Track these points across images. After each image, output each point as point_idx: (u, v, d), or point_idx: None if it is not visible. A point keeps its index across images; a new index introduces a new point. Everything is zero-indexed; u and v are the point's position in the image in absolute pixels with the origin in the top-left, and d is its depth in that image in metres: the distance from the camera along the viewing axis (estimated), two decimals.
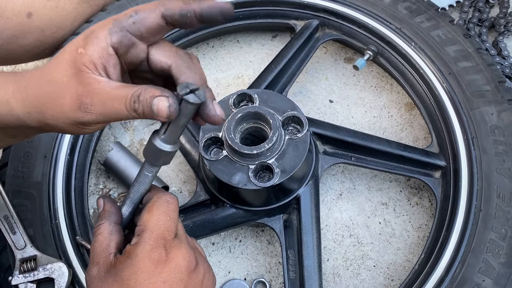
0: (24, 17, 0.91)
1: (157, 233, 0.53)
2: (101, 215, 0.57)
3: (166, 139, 0.52)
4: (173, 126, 0.51)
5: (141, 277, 0.51)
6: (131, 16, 0.51)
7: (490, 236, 0.74)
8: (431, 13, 0.94)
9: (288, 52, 0.97)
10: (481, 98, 0.84)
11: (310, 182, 0.84)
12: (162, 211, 0.54)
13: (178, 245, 0.54)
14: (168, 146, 0.52)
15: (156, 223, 0.53)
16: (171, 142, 0.52)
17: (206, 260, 0.59)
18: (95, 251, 0.55)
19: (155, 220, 0.54)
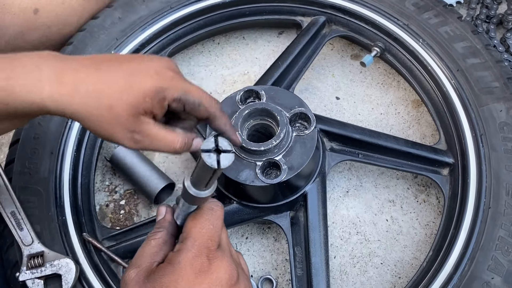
0: (30, 13, 0.91)
1: (200, 241, 0.53)
2: (160, 223, 0.57)
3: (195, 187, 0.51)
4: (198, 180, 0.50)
5: (181, 285, 0.50)
6: (194, 102, 0.61)
7: (499, 234, 0.73)
8: (439, 9, 0.94)
9: (294, 48, 0.97)
10: (490, 95, 0.84)
11: (317, 179, 0.84)
12: (205, 219, 0.54)
13: (221, 257, 0.53)
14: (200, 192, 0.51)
15: (199, 231, 0.53)
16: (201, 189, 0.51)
17: (248, 276, 0.58)
18: (142, 254, 0.54)
19: (199, 228, 0.53)
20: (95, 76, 0.58)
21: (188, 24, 1.02)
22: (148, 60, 0.62)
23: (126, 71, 0.59)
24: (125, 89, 0.58)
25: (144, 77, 0.59)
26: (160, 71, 0.60)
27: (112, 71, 0.59)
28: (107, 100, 0.58)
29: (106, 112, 0.58)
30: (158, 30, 0.98)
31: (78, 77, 0.58)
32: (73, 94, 0.57)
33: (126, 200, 0.96)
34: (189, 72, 1.10)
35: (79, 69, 0.58)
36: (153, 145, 0.61)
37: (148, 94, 0.58)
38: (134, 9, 0.99)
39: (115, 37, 0.96)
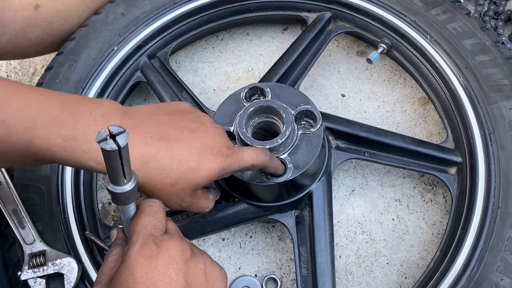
0: (31, 9, 0.90)
1: (143, 232, 0.53)
2: (114, 243, 0.58)
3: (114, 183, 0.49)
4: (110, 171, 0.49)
5: (137, 275, 0.50)
6: (247, 167, 0.66)
7: (508, 234, 0.72)
8: (447, 6, 0.92)
9: (299, 45, 0.95)
10: (499, 93, 0.82)
11: (322, 177, 0.83)
12: (145, 214, 0.55)
13: (168, 238, 0.54)
14: (118, 187, 0.50)
15: (141, 225, 0.54)
16: (120, 184, 0.50)
17: (208, 255, 0.58)
18: (102, 272, 0.55)
19: (140, 222, 0.54)
20: (165, 154, 0.59)
21: (191, 20, 1.01)
22: (211, 135, 0.64)
23: (194, 149, 0.61)
24: (193, 170, 0.60)
25: (210, 156, 0.62)
26: (221, 149, 0.63)
27: (181, 149, 0.60)
28: (174, 179, 0.60)
29: (169, 187, 0.60)
30: (161, 26, 0.97)
31: (148, 153, 0.59)
32: (140, 169, 0.58)
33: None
34: (193, 68, 1.09)
35: (148, 142, 0.59)
36: (191, 210, 0.67)
37: (212, 174, 0.61)
38: (137, 5, 0.97)
39: (118, 32, 0.95)
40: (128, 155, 0.47)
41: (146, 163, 0.59)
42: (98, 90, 0.91)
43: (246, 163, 0.65)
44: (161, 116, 0.63)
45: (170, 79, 0.95)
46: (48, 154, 0.56)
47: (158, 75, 0.96)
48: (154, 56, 0.98)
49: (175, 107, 0.68)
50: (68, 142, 0.56)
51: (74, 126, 0.56)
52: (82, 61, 0.92)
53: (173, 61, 1.09)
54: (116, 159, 0.46)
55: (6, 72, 1.20)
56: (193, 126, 0.63)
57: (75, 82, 0.90)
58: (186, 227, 0.81)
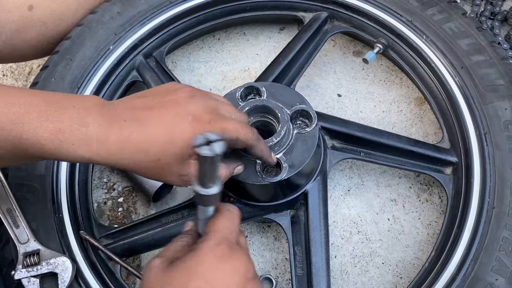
0: (25, 10, 0.90)
1: (220, 233, 0.56)
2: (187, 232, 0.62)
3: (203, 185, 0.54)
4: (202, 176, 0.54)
5: (203, 267, 0.53)
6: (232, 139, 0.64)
7: (503, 234, 0.72)
8: (443, 6, 0.92)
9: (296, 44, 0.95)
10: (495, 93, 0.82)
11: (318, 177, 0.83)
12: (224, 217, 0.59)
13: (240, 251, 0.56)
14: (203, 190, 0.54)
15: (219, 226, 0.57)
16: (208, 187, 0.54)
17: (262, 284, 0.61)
18: (168, 248, 0.58)
19: (219, 223, 0.58)
20: (138, 134, 0.61)
21: (188, 19, 1.01)
22: (184, 102, 0.63)
23: (166, 122, 0.61)
24: (168, 143, 0.61)
25: (183, 125, 0.61)
26: (197, 115, 0.62)
27: (153, 125, 0.61)
28: (154, 155, 0.61)
29: (154, 164, 0.61)
30: (157, 25, 0.97)
31: (122, 136, 0.60)
32: (121, 152, 0.60)
33: (124, 197, 0.95)
34: (189, 68, 1.08)
35: (122, 126, 0.61)
36: None
37: (190, 141, 0.60)
38: (133, 4, 0.97)
39: (114, 32, 0.94)
40: (220, 162, 0.51)
41: (123, 146, 0.60)
42: (94, 89, 0.90)
43: (230, 133, 0.63)
44: (135, 100, 0.64)
45: (166, 79, 0.95)
46: (37, 148, 0.59)
47: (154, 74, 0.96)
48: (150, 55, 0.98)
49: (155, 89, 0.68)
50: (55, 134, 0.58)
51: (59, 119, 0.59)
52: (77, 60, 0.91)
53: (170, 60, 1.09)
54: (210, 164, 0.51)
55: (2, 71, 1.20)
56: (165, 100, 0.64)
57: (70, 81, 0.90)
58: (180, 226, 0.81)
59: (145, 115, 0.62)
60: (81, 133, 0.59)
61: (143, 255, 0.89)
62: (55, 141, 0.58)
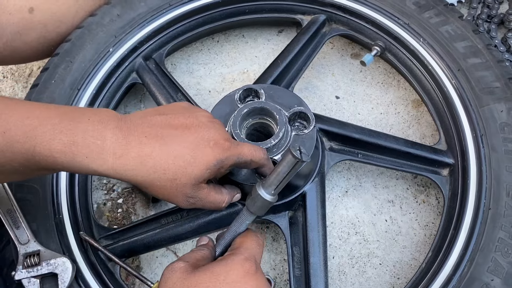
0: (26, 12, 0.91)
1: (250, 251, 0.61)
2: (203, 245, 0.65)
3: (267, 187, 0.62)
4: (283, 180, 0.61)
5: (230, 277, 0.56)
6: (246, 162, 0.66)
7: (499, 235, 0.73)
8: (440, 9, 0.93)
9: (294, 47, 0.96)
10: (491, 95, 0.83)
11: (316, 179, 0.83)
12: (254, 239, 0.63)
13: (262, 273, 0.60)
14: (269, 196, 0.62)
15: (249, 244, 0.62)
16: (270, 193, 0.62)
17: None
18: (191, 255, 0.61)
19: (249, 242, 0.62)
20: (160, 151, 0.60)
21: (187, 22, 1.01)
22: (206, 127, 0.65)
23: (189, 144, 0.62)
24: (189, 163, 0.61)
25: (205, 149, 0.62)
26: (218, 142, 0.64)
27: (176, 144, 0.61)
28: (172, 174, 0.61)
29: (169, 183, 0.61)
30: (157, 27, 0.98)
31: (143, 152, 0.60)
32: (138, 169, 0.60)
33: (124, 198, 0.96)
34: (188, 70, 1.09)
35: (143, 142, 0.60)
36: (203, 206, 0.67)
37: (210, 167, 0.62)
38: (133, 6, 0.98)
39: (113, 34, 0.95)
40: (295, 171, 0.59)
41: (143, 162, 0.60)
42: (94, 91, 0.91)
43: (245, 157, 0.65)
44: (155, 117, 0.64)
45: (165, 81, 0.96)
46: (50, 161, 0.58)
47: (153, 76, 0.96)
48: (149, 57, 0.99)
49: (172, 107, 0.69)
50: (69, 147, 0.58)
51: (73, 132, 0.58)
52: (77, 62, 0.92)
53: (169, 62, 1.10)
54: (295, 170, 0.58)
55: (3, 73, 1.20)
56: (188, 122, 0.64)
57: (70, 83, 0.90)
58: (180, 227, 0.82)
59: (168, 134, 0.62)
60: (96, 147, 0.58)
61: (142, 256, 0.90)
62: (68, 154, 0.58)
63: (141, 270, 0.89)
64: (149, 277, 0.85)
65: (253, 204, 0.63)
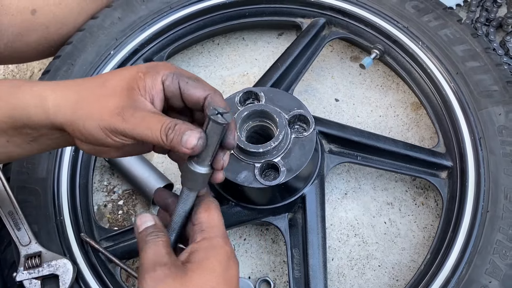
0: (28, 14, 0.91)
1: (222, 229, 0.57)
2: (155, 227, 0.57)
3: (200, 162, 0.56)
4: (206, 149, 0.55)
5: (223, 265, 0.53)
6: (189, 78, 0.58)
7: (497, 238, 0.73)
8: (438, 12, 0.94)
9: (294, 50, 0.96)
10: (489, 98, 0.84)
11: (315, 181, 0.84)
12: (216, 208, 0.58)
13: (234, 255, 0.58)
14: (203, 168, 0.56)
15: (218, 221, 0.58)
16: (205, 165, 0.56)
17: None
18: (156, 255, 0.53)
19: (217, 218, 0.58)
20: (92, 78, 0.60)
21: (188, 25, 1.02)
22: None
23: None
24: (118, 70, 0.59)
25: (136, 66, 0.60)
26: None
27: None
28: (101, 78, 0.58)
29: (100, 90, 0.57)
30: (158, 30, 0.98)
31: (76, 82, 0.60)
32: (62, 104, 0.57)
33: (124, 200, 0.96)
34: None
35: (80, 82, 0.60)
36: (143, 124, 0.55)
37: (141, 69, 0.58)
38: (134, 9, 0.98)
39: (114, 37, 0.96)
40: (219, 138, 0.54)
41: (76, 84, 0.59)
42: None
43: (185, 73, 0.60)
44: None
45: None
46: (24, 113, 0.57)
47: None
48: (150, 60, 0.99)
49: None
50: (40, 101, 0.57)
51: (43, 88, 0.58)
52: (79, 64, 0.93)
53: None
54: (219, 135, 0.53)
55: (4, 75, 1.21)
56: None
57: None
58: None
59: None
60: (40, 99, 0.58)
61: None
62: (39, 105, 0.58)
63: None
64: None
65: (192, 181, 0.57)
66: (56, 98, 0.57)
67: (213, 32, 1.07)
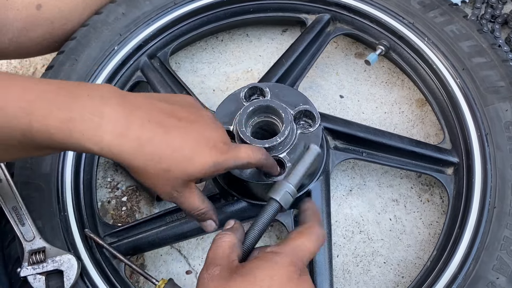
0: (33, 8, 0.91)
1: (299, 254, 0.56)
2: (230, 229, 0.62)
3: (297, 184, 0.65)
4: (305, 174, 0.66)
5: (275, 281, 0.52)
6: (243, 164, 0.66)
7: (504, 234, 0.73)
8: (444, 8, 0.93)
9: (299, 46, 0.96)
10: (496, 94, 0.83)
11: (321, 177, 0.83)
12: (311, 239, 0.58)
13: (307, 275, 0.56)
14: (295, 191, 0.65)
15: (301, 245, 0.57)
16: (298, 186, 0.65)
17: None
18: (217, 255, 0.57)
19: (302, 242, 0.57)
20: (161, 139, 0.58)
21: (191, 21, 1.02)
22: (210, 127, 0.64)
23: (192, 140, 0.60)
24: (187, 159, 0.60)
25: (205, 150, 0.61)
26: (217, 144, 0.62)
27: (178, 136, 0.60)
28: (167, 164, 0.59)
29: (162, 173, 0.59)
30: (161, 26, 0.98)
31: (144, 135, 0.57)
32: (135, 152, 0.57)
33: (128, 196, 0.96)
34: (192, 69, 1.09)
35: (145, 125, 0.58)
36: (181, 204, 0.65)
37: (206, 168, 0.60)
38: (138, 5, 0.98)
39: (118, 32, 0.95)
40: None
41: (142, 146, 0.57)
42: None
43: (241, 160, 0.64)
44: (161, 102, 0.63)
45: (170, 79, 0.96)
46: (46, 137, 0.56)
47: (158, 75, 0.96)
48: (154, 56, 0.99)
49: (178, 99, 0.67)
50: (65, 124, 0.55)
51: (70, 108, 0.56)
52: (83, 60, 0.92)
53: (173, 61, 1.10)
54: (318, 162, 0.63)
55: (7, 71, 1.20)
56: (192, 118, 0.63)
57: (76, 81, 0.90)
58: (184, 225, 0.82)
59: (172, 124, 0.60)
60: (94, 123, 0.55)
61: (146, 253, 0.90)
62: (64, 131, 0.55)
63: (146, 267, 0.89)
64: (153, 274, 0.85)
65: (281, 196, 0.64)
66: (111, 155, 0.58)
67: (217, 28, 1.06)
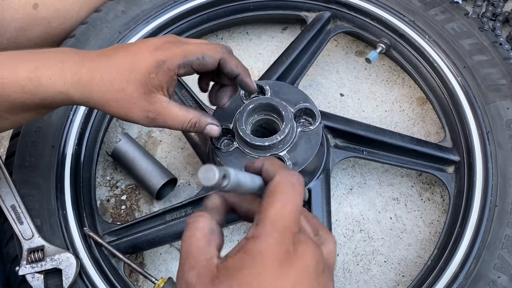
0: (30, 8, 0.90)
1: (282, 224, 0.41)
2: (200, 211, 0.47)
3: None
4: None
5: (266, 279, 0.39)
6: (198, 58, 0.63)
7: (506, 232, 0.72)
8: (445, 6, 0.93)
9: (299, 44, 0.96)
10: (497, 92, 0.83)
11: (321, 175, 0.83)
12: (287, 194, 0.43)
13: (305, 240, 0.42)
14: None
15: (279, 212, 0.42)
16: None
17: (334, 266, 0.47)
18: (191, 250, 0.43)
19: (279, 207, 0.42)
20: (106, 64, 0.63)
21: (191, 19, 1.01)
22: (150, 39, 0.66)
23: (129, 54, 0.64)
24: (130, 71, 0.62)
25: (144, 54, 0.63)
26: (159, 46, 0.64)
27: (119, 57, 0.64)
28: (118, 84, 0.62)
29: (119, 95, 0.62)
30: (161, 24, 0.97)
31: (93, 66, 0.63)
32: (91, 82, 0.62)
33: (127, 195, 0.95)
34: None
35: (94, 59, 0.64)
36: (166, 123, 0.66)
37: (151, 69, 0.62)
38: (138, 3, 0.98)
39: (118, 30, 0.95)
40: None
41: (93, 77, 0.62)
42: None
43: (194, 54, 0.63)
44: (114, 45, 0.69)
45: None
46: (17, 89, 0.61)
47: None
48: None
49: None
50: (34, 72, 0.61)
51: (36, 59, 0.63)
52: None
53: None
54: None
55: None
56: (140, 41, 0.68)
57: None
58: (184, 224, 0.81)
59: (115, 51, 0.65)
60: (57, 68, 0.62)
61: (146, 252, 0.89)
62: (33, 79, 0.61)
63: (145, 266, 0.89)
64: (152, 273, 0.84)
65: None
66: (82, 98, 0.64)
67: (217, 26, 1.06)
